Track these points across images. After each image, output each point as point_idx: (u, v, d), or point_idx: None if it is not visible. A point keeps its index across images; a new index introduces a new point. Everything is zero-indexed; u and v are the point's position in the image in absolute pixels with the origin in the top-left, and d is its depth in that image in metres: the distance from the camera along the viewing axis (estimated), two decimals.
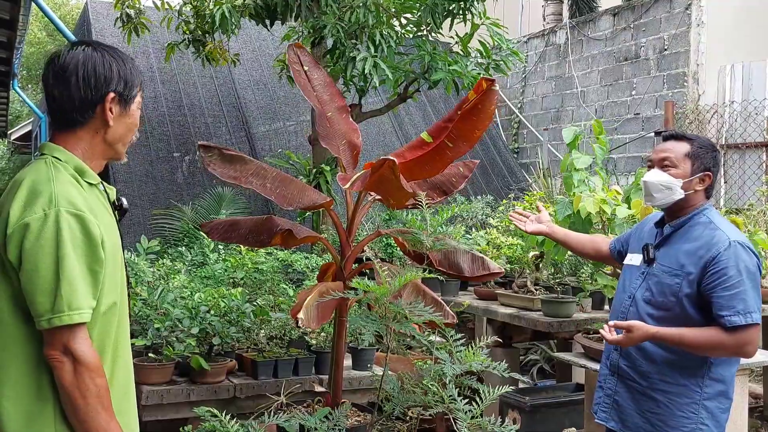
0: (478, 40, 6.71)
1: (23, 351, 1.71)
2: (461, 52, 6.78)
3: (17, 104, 21.22)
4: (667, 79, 8.89)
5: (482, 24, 6.45)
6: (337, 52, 6.16)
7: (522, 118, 11.21)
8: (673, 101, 8.48)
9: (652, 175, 2.67)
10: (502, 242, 5.60)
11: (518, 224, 3.26)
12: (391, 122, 10.16)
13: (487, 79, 2.96)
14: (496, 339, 4.68)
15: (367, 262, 3.39)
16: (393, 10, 6.57)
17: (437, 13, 6.27)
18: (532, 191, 7.86)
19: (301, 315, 2.85)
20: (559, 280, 5.33)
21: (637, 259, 2.78)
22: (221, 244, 5.49)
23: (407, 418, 3.93)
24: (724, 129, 8.35)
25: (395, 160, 2.79)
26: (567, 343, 5.16)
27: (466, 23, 6.48)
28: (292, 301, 4.15)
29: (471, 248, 3.51)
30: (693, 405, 2.57)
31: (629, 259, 2.85)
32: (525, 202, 6.10)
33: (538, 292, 5.04)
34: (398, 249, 5.59)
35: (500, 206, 7.41)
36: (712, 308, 2.50)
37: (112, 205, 1.91)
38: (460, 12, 6.36)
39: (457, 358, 2.90)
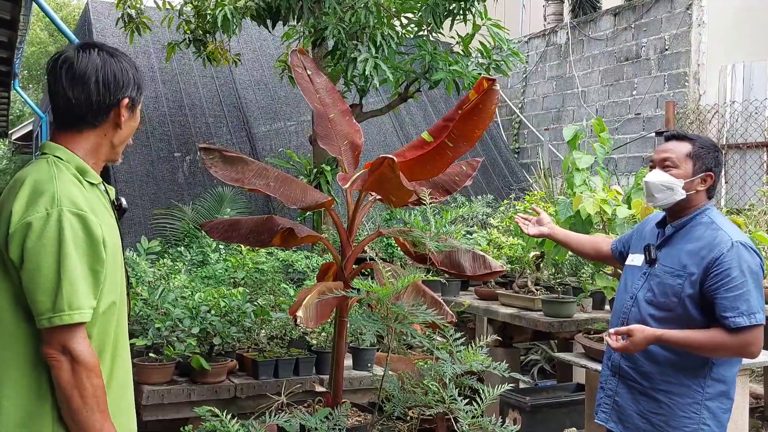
0: (479, 41, 6.71)
1: (23, 350, 1.71)
2: (462, 53, 6.78)
3: (19, 104, 21.22)
4: (668, 79, 8.88)
5: (483, 24, 6.45)
6: (338, 53, 6.16)
7: (523, 118, 11.21)
8: (674, 101, 8.48)
9: (653, 176, 2.66)
10: (503, 242, 5.60)
11: (522, 227, 3.27)
12: (391, 122, 10.16)
13: (487, 79, 2.95)
14: (497, 339, 4.69)
15: (367, 263, 3.39)
16: (394, 10, 6.57)
17: (438, 13, 6.27)
18: (533, 191, 7.85)
19: (299, 313, 2.85)
20: (559, 280, 5.33)
21: (639, 260, 2.77)
22: (222, 244, 5.49)
23: (408, 418, 3.92)
24: (725, 129, 8.35)
25: (394, 158, 2.79)
26: (568, 343, 5.16)
27: (467, 23, 6.48)
28: (293, 301, 4.15)
29: (472, 247, 3.51)
30: (695, 405, 2.57)
31: (631, 260, 2.84)
32: (525, 203, 6.10)
33: (539, 292, 5.04)
34: (399, 249, 5.59)
35: (501, 206, 7.40)
36: (716, 309, 2.49)
37: (112, 205, 1.92)
38: (461, 12, 6.36)
39: (458, 358, 2.90)
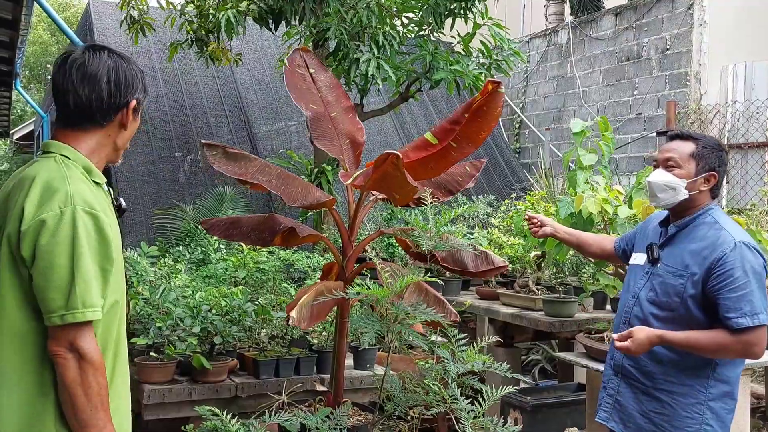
0: (480, 40, 6.70)
1: (28, 348, 1.71)
2: (463, 52, 6.78)
3: (20, 104, 21.21)
4: (669, 79, 8.87)
5: (484, 24, 6.45)
6: (340, 53, 6.16)
7: (524, 118, 11.20)
8: (675, 101, 8.47)
9: (656, 176, 2.65)
10: (504, 242, 5.60)
11: (532, 231, 3.25)
12: (392, 122, 10.16)
13: (493, 82, 2.95)
14: (498, 339, 4.69)
15: (368, 262, 3.39)
16: (395, 10, 6.57)
17: (439, 13, 6.27)
18: (534, 191, 7.85)
19: (292, 314, 2.85)
20: (560, 280, 5.33)
21: (642, 259, 2.76)
22: (223, 244, 5.50)
23: (408, 417, 3.92)
24: (727, 129, 8.33)
25: (399, 154, 2.78)
26: (569, 343, 5.15)
27: (468, 23, 6.48)
28: None
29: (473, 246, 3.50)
30: (698, 405, 2.56)
31: (634, 259, 2.83)
32: (527, 202, 6.10)
33: (540, 292, 5.03)
34: (400, 248, 5.59)
35: (502, 206, 7.40)
36: (719, 310, 2.47)
37: (112, 205, 1.93)
38: (462, 11, 6.35)
39: (459, 358, 2.90)
